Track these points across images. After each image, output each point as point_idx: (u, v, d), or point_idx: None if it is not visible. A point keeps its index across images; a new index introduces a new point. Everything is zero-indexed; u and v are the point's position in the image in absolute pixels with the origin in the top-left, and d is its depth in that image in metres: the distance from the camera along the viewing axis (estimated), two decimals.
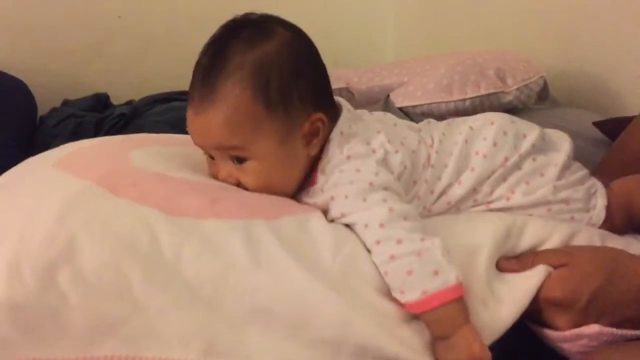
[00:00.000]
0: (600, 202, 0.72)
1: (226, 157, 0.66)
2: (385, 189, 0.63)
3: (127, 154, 0.68)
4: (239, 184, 0.66)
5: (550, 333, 0.63)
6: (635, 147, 0.91)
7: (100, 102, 1.50)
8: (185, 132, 0.72)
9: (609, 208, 0.72)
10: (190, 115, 0.65)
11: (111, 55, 1.70)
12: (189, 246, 0.56)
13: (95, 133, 1.30)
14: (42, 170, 0.66)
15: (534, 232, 0.67)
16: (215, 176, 0.68)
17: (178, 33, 1.68)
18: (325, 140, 0.68)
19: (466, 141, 0.71)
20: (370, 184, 0.63)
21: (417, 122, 1.26)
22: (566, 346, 0.62)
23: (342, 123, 0.68)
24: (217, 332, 0.53)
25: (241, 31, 0.65)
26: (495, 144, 0.71)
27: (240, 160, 0.65)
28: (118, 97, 1.54)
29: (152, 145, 0.74)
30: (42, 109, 1.45)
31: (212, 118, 0.63)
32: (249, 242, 0.57)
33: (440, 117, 1.30)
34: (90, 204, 0.57)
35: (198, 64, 0.66)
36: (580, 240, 0.68)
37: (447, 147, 0.71)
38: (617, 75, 1.46)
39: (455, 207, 0.70)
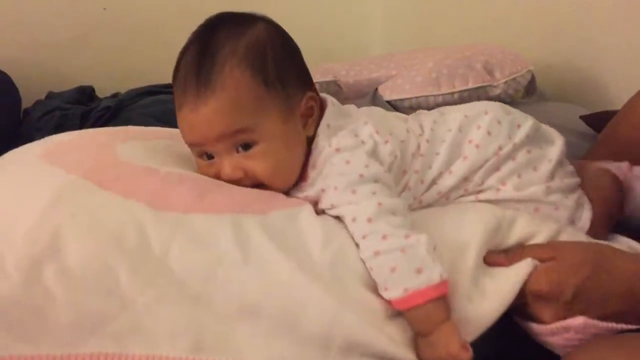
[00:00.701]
0: (585, 215, 0.71)
1: (230, 148, 0.64)
2: (376, 181, 0.63)
3: (113, 147, 0.67)
4: (245, 176, 0.65)
5: (536, 327, 0.63)
6: (625, 133, 0.91)
7: (85, 94, 1.48)
8: (172, 125, 0.71)
9: (592, 221, 0.72)
10: (185, 114, 0.64)
11: (96, 47, 1.68)
12: (177, 241, 0.55)
13: (81, 126, 1.28)
14: (27, 161, 0.64)
15: (522, 227, 0.67)
16: (215, 176, 0.66)
17: (164, 25, 1.66)
18: (318, 123, 0.68)
19: (460, 129, 0.71)
20: (361, 175, 0.63)
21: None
22: (552, 340, 0.62)
23: (328, 116, 0.68)
24: (206, 328, 0.52)
25: (222, 26, 0.66)
26: (489, 133, 0.70)
27: (246, 147, 0.64)
28: (103, 89, 1.52)
29: (139, 140, 0.72)
30: (27, 101, 1.43)
31: (215, 106, 0.62)
32: (238, 237, 0.57)
33: (428, 110, 1.31)
34: (75, 197, 0.56)
35: (182, 64, 0.65)
36: (565, 238, 0.68)
37: (439, 134, 0.71)
38: (604, 69, 1.47)
39: (446, 197, 0.70)
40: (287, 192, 0.69)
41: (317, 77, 1.40)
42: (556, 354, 0.63)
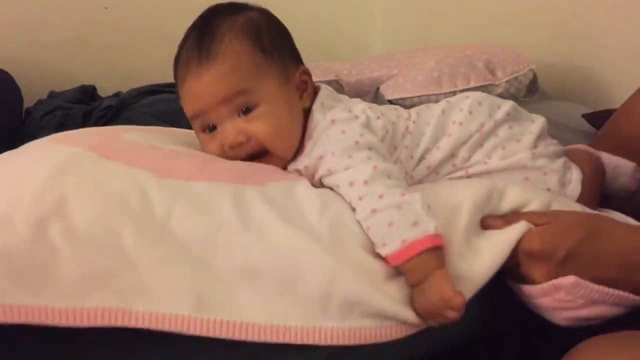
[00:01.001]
0: (575, 175, 0.73)
1: (232, 113, 0.67)
2: (370, 148, 0.65)
3: (118, 133, 0.71)
4: (247, 140, 0.68)
5: (527, 288, 0.63)
6: (625, 129, 0.91)
7: (87, 93, 1.49)
8: (174, 125, 0.72)
9: (582, 183, 0.73)
10: (188, 82, 0.67)
11: (98, 46, 1.68)
12: (179, 206, 0.57)
13: (83, 125, 1.29)
14: (36, 143, 0.67)
15: (514, 196, 0.68)
16: (218, 151, 0.69)
17: (165, 24, 1.65)
18: (313, 98, 0.72)
19: (443, 112, 0.74)
20: (356, 142, 0.65)
21: None
22: (543, 301, 0.62)
23: (322, 96, 0.72)
24: (207, 289, 0.53)
25: (220, 12, 0.71)
26: (470, 112, 0.74)
27: (247, 110, 0.67)
28: (105, 88, 1.53)
29: (142, 131, 0.76)
30: (28, 101, 1.43)
31: (216, 72, 0.66)
32: (239, 205, 0.58)
33: None
34: (81, 166, 0.59)
35: (184, 48, 0.69)
36: (558, 207, 0.68)
37: (424, 118, 0.75)
38: (605, 67, 1.47)
39: (435, 172, 0.72)
40: (285, 167, 0.71)
41: (318, 76, 1.40)
42: (552, 323, 0.63)
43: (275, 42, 0.70)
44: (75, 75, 1.57)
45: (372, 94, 1.40)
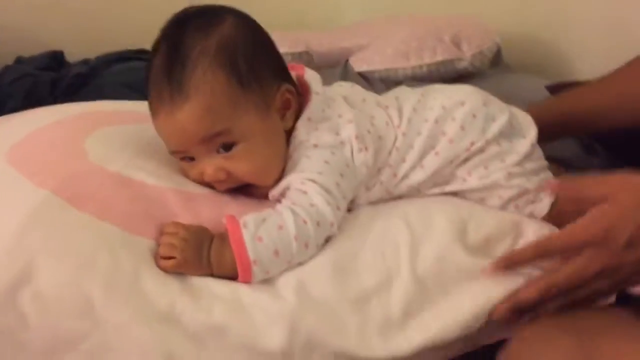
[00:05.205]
0: (547, 196, 0.71)
1: (212, 150, 0.64)
2: (343, 197, 0.66)
3: (82, 144, 0.67)
4: (228, 177, 0.65)
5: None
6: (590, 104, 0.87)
7: (56, 59, 1.47)
8: (144, 94, 0.70)
9: (555, 204, 0.71)
10: (161, 118, 0.63)
11: (67, 11, 1.65)
12: (147, 265, 0.58)
13: (51, 92, 1.28)
14: None
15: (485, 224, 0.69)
16: (198, 179, 0.66)
17: None
18: (297, 114, 0.69)
19: (436, 121, 0.71)
20: (336, 183, 0.65)
21: (376, 87, 1.30)
22: None
23: (312, 108, 0.69)
24: (176, 345, 0.55)
25: (189, 24, 0.65)
26: (462, 128, 0.71)
27: (227, 147, 0.64)
28: (73, 54, 1.51)
29: (107, 126, 0.73)
30: None
31: (190, 112, 0.61)
32: None
33: (398, 82, 1.34)
34: (49, 220, 0.57)
35: (154, 65, 0.64)
36: (527, 227, 0.70)
37: (415, 126, 0.71)
38: (571, 41, 1.51)
39: (416, 189, 0.72)
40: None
41: (288, 48, 1.41)
42: None
43: (253, 66, 0.65)
44: (42, 40, 1.54)
45: (342, 67, 1.42)
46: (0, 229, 0.56)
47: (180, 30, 0.64)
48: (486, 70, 1.43)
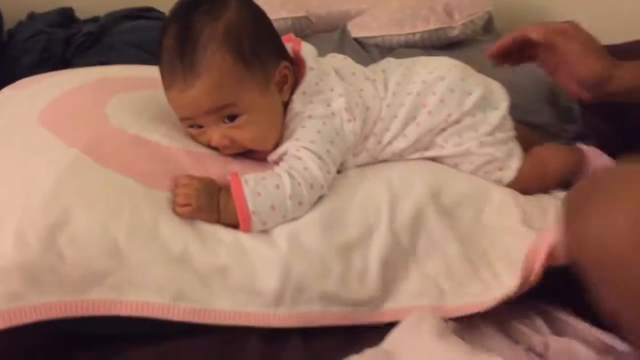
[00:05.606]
0: (514, 164, 0.82)
1: (218, 120, 0.73)
2: (334, 162, 0.74)
3: (103, 109, 0.76)
4: (232, 144, 0.74)
5: None
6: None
7: (66, 16, 1.54)
8: (152, 54, 0.77)
9: (521, 171, 0.82)
10: (174, 94, 0.72)
11: None
12: (164, 214, 0.67)
13: (64, 50, 1.36)
14: (28, 128, 0.74)
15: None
16: (205, 144, 0.75)
17: None
18: (293, 88, 0.77)
19: (418, 94, 0.80)
20: (326, 150, 0.74)
21: (370, 52, 1.37)
22: None
23: (307, 83, 0.77)
24: (186, 283, 0.64)
25: (198, 8, 0.72)
26: (442, 101, 0.80)
27: (232, 118, 0.72)
28: (82, 10, 1.56)
29: (123, 93, 0.81)
30: (8, 22, 1.46)
31: (201, 89, 0.69)
32: None
33: (391, 48, 1.42)
34: (80, 176, 0.66)
35: (165, 47, 0.71)
36: (495, 191, 0.79)
37: (400, 97, 0.80)
38: (561, 6, 1.56)
39: (399, 155, 0.81)
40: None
41: (288, 12, 1.47)
42: None
43: (254, 46, 0.72)
44: None
45: (339, 32, 1.48)
46: (40, 183, 0.65)
47: (188, 14, 0.72)
48: (477, 37, 1.49)
